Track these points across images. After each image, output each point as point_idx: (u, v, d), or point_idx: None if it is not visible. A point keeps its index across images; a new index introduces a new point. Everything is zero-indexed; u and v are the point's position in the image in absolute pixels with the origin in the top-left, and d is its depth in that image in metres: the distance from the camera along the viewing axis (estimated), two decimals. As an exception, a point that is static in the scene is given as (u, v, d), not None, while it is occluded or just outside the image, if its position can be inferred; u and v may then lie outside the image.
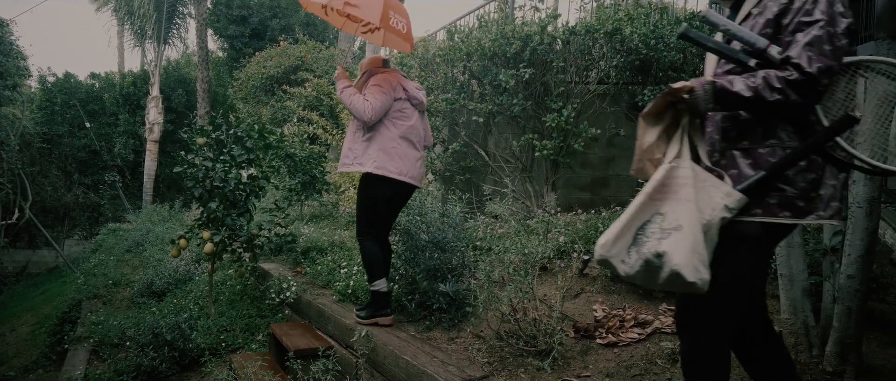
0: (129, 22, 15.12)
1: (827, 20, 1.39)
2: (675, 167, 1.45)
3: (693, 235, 1.36)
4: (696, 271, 1.35)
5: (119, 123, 15.51)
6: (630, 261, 1.44)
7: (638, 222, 1.46)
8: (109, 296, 6.24)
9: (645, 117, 1.55)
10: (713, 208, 1.40)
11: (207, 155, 4.32)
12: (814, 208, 1.45)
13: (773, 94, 1.39)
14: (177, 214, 10.51)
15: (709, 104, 1.46)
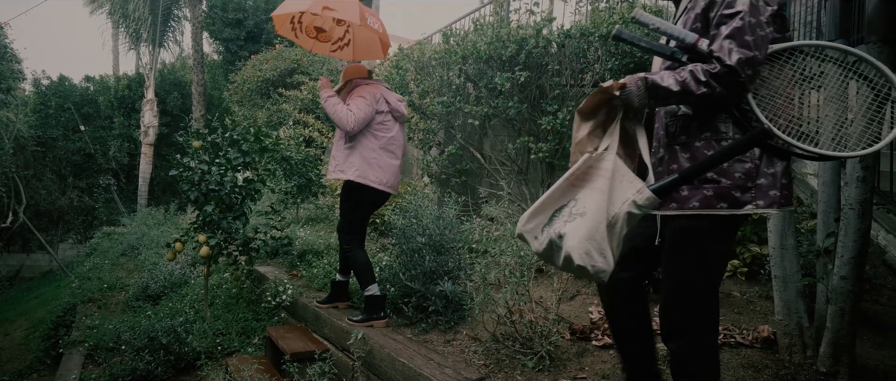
0: (123, 25, 15.09)
1: (747, 11, 1.41)
2: (598, 158, 1.50)
3: (594, 223, 1.39)
4: (587, 256, 1.38)
5: (114, 126, 15.45)
6: (541, 238, 1.49)
7: (555, 205, 1.51)
8: (104, 300, 6.20)
9: (579, 113, 1.58)
10: (623, 203, 1.43)
11: (203, 158, 4.31)
12: (752, 197, 1.47)
13: (699, 87, 1.42)
14: (172, 217, 10.47)
15: (643, 99, 1.48)
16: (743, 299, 3.24)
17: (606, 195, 1.42)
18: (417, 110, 5.59)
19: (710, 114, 1.50)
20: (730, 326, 2.79)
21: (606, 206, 1.41)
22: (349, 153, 3.17)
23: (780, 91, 1.49)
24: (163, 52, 15.74)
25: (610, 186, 1.43)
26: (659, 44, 1.56)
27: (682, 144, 1.54)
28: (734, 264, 3.51)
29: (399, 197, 5.72)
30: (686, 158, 1.52)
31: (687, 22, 1.54)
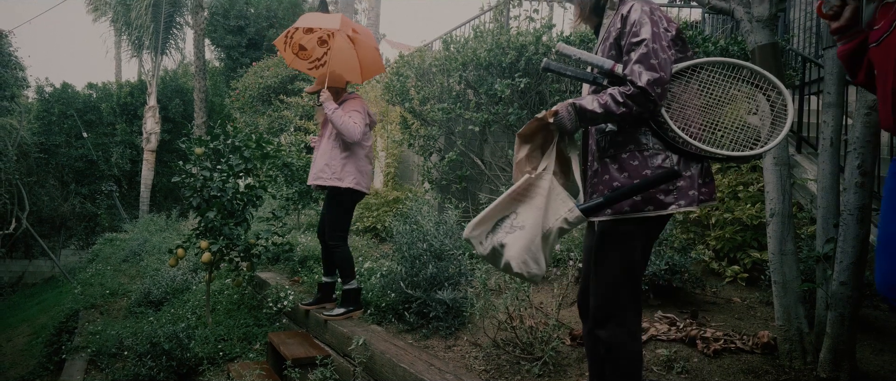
0: (126, 32, 15.19)
1: (650, 38, 1.61)
2: (537, 178, 1.68)
3: (531, 236, 1.60)
4: (524, 265, 1.58)
5: (116, 132, 15.51)
6: (485, 244, 1.67)
7: (498, 215, 1.69)
8: (107, 306, 6.22)
9: (519, 136, 1.74)
10: (556, 219, 1.63)
11: (205, 165, 4.34)
12: (674, 199, 1.64)
13: (618, 107, 1.61)
14: (174, 223, 10.49)
15: (574, 123, 1.67)
16: (743, 304, 3.25)
17: (542, 212, 1.62)
18: (418, 117, 5.61)
19: (633, 128, 1.69)
20: (730, 331, 2.79)
21: (542, 220, 1.61)
22: (345, 163, 3.42)
23: (688, 103, 1.69)
24: (165, 59, 15.84)
25: (546, 204, 1.63)
26: (582, 72, 1.74)
27: (611, 157, 1.72)
28: (734, 270, 3.52)
29: (400, 203, 5.75)
30: (615, 168, 1.70)
31: (604, 50, 1.74)
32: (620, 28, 1.68)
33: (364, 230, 5.98)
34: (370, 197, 6.12)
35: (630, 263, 1.71)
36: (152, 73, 14.95)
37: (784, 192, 2.54)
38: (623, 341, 1.69)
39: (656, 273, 3.16)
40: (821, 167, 2.58)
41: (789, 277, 2.52)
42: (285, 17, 15.03)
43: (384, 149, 6.64)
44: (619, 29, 1.69)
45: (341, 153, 3.42)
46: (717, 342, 2.63)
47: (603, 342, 1.72)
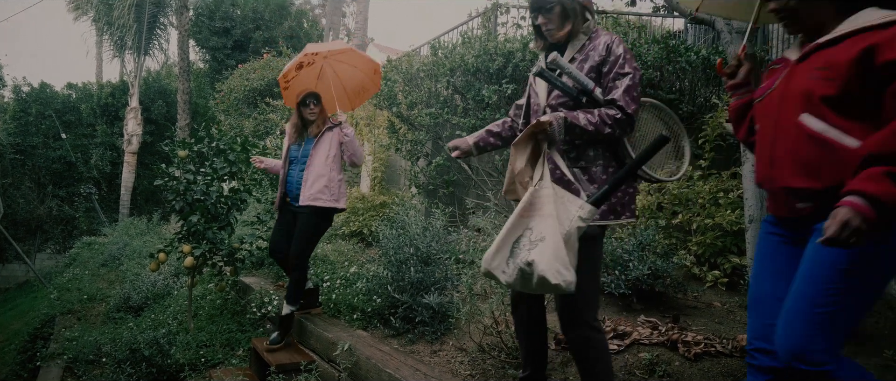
0: (108, 32, 14.92)
1: (633, 73, 1.83)
2: (538, 188, 1.74)
3: (555, 244, 1.62)
4: (559, 274, 1.59)
5: (96, 134, 15.22)
6: (509, 271, 1.69)
7: (513, 238, 1.72)
8: (84, 311, 6.09)
9: (515, 146, 1.83)
10: (570, 220, 1.68)
11: (189, 168, 4.29)
12: (624, 210, 1.88)
13: (606, 128, 1.80)
14: (155, 227, 10.32)
15: (562, 134, 1.81)
16: (723, 308, 3.31)
17: (555, 218, 1.66)
18: (405, 121, 5.62)
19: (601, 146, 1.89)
20: (711, 335, 2.84)
21: (558, 226, 1.65)
22: (341, 184, 3.42)
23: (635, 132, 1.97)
24: (148, 60, 15.60)
25: (556, 210, 1.68)
26: (568, 85, 1.88)
27: (582, 168, 1.87)
28: (715, 275, 3.58)
29: (386, 207, 5.74)
30: (585, 179, 1.86)
31: (582, 71, 1.88)
32: (604, 56, 1.85)
33: (350, 235, 5.96)
34: (357, 201, 6.11)
35: (595, 265, 1.88)
36: (135, 73, 14.71)
37: (762, 198, 2.60)
38: (595, 338, 1.85)
39: (639, 278, 3.21)
40: None
41: (768, 282, 2.58)
42: (272, 19, 14.96)
43: (371, 153, 6.64)
44: (603, 57, 1.85)
45: (338, 175, 3.41)
46: (698, 346, 2.68)
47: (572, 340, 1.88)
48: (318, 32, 16.51)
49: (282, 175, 3.49)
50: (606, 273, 3.39)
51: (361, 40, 14.26)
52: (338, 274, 4.19)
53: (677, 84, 5.02)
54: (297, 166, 3.45)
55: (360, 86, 3.70)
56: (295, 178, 3.43)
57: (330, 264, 4.64)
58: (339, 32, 13.75)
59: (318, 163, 3.36)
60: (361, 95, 3.77)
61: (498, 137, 2.16)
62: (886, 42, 1.29)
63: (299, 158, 3.44)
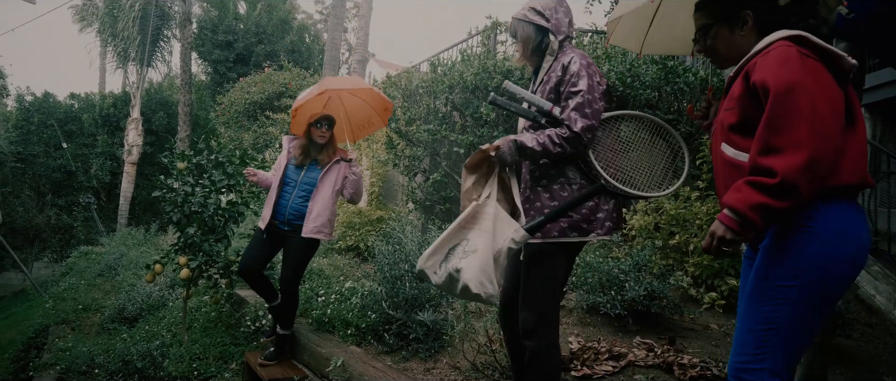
0: (112, 43, 15.07)
1: (586, 90, 1.83)
2: (482, 205, 1.84)
3: (484, 258, 1.73)
4: (481, 286, 1.70)
5: (97, 144, 15.27)
6: (440, 273, 1.80)
7: (450, 244, 1.83)
8: (79, 321, 6.05)
9: (466, 167, 1.92)
10: (504, 240, 1.77)
11: (187, 180, 4.29)
12: (593, 227, 1.87)
13: (555, 147, 1.83)
14: (152, 237, 10.29)
15: (514, 156, 1.86)
16: (720, 331, 3.29)
17: (491, 235, 1.76)
18: (403, 137, 5.65)
19: (564, 164, 1.91)
20: (707, 358, 2.83)
21: (492, 243, 1.75)
22: (333, 213, 3.31)
23: (610, 147, 1.96)
24: (150, 72, 15.72)
25: (493, 227, 1.78)
26: (524, 109, 1.95)
27: (543, 187, 1.93)
28: (712, 297, 3.57)
29: (383, 223, 5.74)
30: (547, 197, 1.91)
31: (544, 92, 1.93)
32: (561, 76, 1.89)
33: (346, 249, 5.95)
34: (354, 216, 6.10)
35: (554, 281, 1.91)
36: (137, 85, 14.81)
37: (758, 221, 2.61)
38: (547, 350, 1.88)
39: (635, 299, 3.20)
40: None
41: (763, 305, 2.57)
42: (274, 34, 15.11)
43: (369, 168, 6.65)
44: (560, 77, 1.89)
45: (335, 206, 3.33)
46: (694, 369, 2.66)
47: (529, 351, 1.90)
48: (319, 47, 16.67)
49: (273, 196, 3.30)
50: (602, 293, 3.37)
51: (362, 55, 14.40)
52: (333, 289, 4.17)
53: (675, 105, 5.05)
54: (294, 191, 3.28)
55: (367, 120, 3.58)
56: (289, 202, 3.27)
57: (325, 279, 4.63)
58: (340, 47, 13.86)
59: (324, 195, 3.24)
60: (366, 128, 3.64)
61: None
62: (753, 66, 1.37)
63: (298, 183, 3.29)
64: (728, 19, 1.52)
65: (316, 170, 3.29)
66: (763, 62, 1.34)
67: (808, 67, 1.30)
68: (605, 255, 4.02)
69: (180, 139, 12.89)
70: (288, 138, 3.46)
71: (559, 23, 1.96)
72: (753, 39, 1.48)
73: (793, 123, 1.24)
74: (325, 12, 22.78)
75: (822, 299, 1.32)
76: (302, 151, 3.32)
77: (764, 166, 1.26)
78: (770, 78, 1.29)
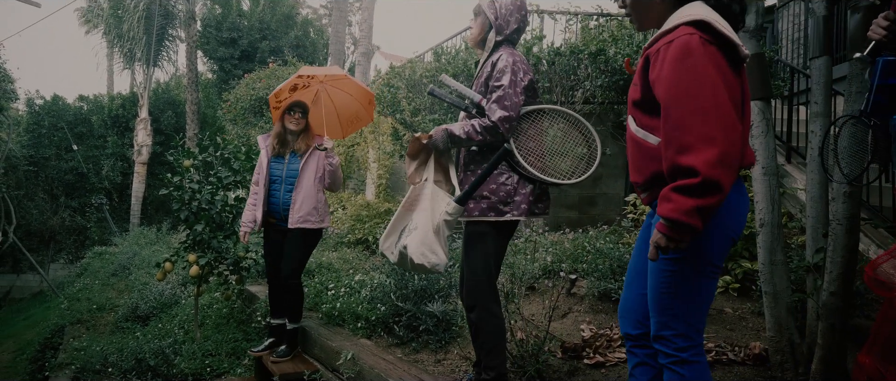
0: (118, 45, 15.13)
1: (507, 85, 2.05)
2: (420, 187, 2.10)
3: (424, 232, 1.99)
4: (423, 256, 1.96)
5: (107, 145, 15.40)
6: (395, 252, 2.05)
7: (400, 226, 2.09)
8: (93, 321, 6.12)
9: (407, 156, 2.19)
10: (440, 214, 2.04)
11: (194, 177, 4.29)
12: (510, 209, 2.09)
13: (477, 135, 2.07)
14: (164, 236, 10.38)
15: (446, 143, 2.12)
16: (735, 315, 3.23)
17: (429, 212, 2.04)
18: (409, 128, 5.61)
19: (489, 151, 2.13)
20: (722, 343, 2.77)
21: (430, 219, 2.02)
22: (325, 203, 3.39)
23: (531, 137, 2.15)
24: (157, 72, 15.79)
25: (431, 205, 2.05)
26: (458, 100, 2.17)
27: (472, 171, 2.16)
28: (726, 280, 3.50)
29: (391, 215, 5.71)
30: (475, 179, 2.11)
31: (477, 85, 2.17)
32: (490, 72, 2.11)
33: (355, 242, 5.94)
34: (361, 209, 6.09)
35: (486, 256, 2.13)
36: (144, 85, 14.89)
37: (773, 202, 2.53)
38: (485, 319, 2.10)
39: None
40: (809, 177, 2.58)
41: (780, 287, 2.50)
42: (278, 29, 15.09)
43: (376, 160, 6.62)
44: (489, 72, 2.12)
45: (323, 195, 3.37)
46: (710, 354, 2.61)
47: (472, 322, 2.14)
48: (324, 41, 16.62)
49: (263, 195, 3.32)
50: (613, 280, 3.32)
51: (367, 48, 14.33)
52: (342, 282, 4.16)
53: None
54: (282, 186, 3.32)
55: (355, 115, 3.62)
56: (280, 198, 3.31)
57: (335, 272, 4.62)
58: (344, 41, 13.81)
59: (307, 184, 3.27)
60: (354, 123, 3.69)
61: None
62: (656, 55, 1.39)
63: (284, 178, 3.32)
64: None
65: (296, 160, 3.33)
66: (665, 55, 1.36)
67: (710, 55, 1.32)
68: (616, 241, 3.96)
69: (189, 138, 12.96)
70: (262, 138, 3.46)
71: (504, 25, 2.16)
72: (669, 7, 1.48)
73: (700, 119, 1.28)
74: (328, 6, 22.70)
75: (709, 264, 1.43)
76: (278, 141, 3.35)
77: (684, 166, 1.29)
78: (671, 75, 1.33)
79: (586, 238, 4.07)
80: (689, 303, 1.44)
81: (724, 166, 1.26)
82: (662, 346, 1.46)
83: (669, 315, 1.44)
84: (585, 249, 3.81)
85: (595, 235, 4.16)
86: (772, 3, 8.17)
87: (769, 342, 2.53)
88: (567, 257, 3.77)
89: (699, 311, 1.46)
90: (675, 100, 1.32)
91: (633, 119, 1.52)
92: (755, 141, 2.58)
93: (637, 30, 1.65)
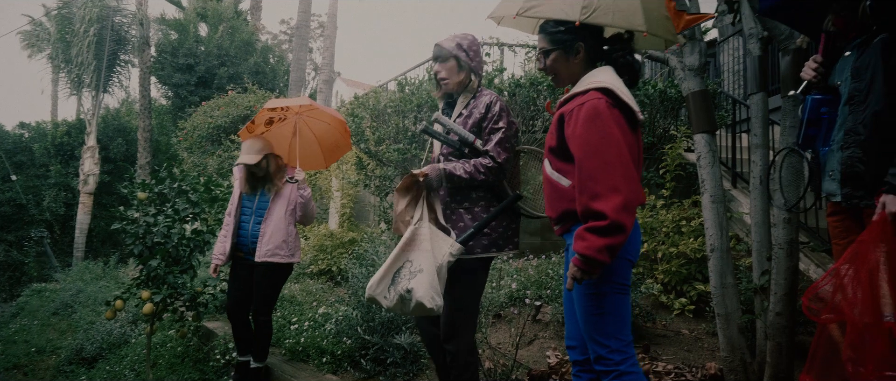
0: (65, 70, 14.51)
1: (506, 128, 2.15)
2: (418, 228, 2.07)
3: (431, 275, 1.96)
4: (433, 300, 1.93)
5: (50, 174, 14.57)
6: (390, 297, 2.00)
7: (395, 268, 2.03)
8: (31, 365, 5.70)
9: (397, 191, 2.17)
10: (443, 255, 2.01)
11: (148, 210, 4.14)
12: (505, 244, 2.20)
13: (480, 175, 2.12)
14: (111, 271, 9.84)
15: (441, 183, 2.15)
16: (691, 336, 3.36)
17: (431, 253, 2.00)
18: (373, 157, 5.62)
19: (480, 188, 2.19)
20: (680, 364, 2.88)
21: (433, 260, 1.98)
22: (296, 238, 3.27)
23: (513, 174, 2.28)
24: (107, 98, 15.18)
25: (432, 246, 2.02)
26: (451, 139, 2.20)
27: (465, 209, 2.19)
28: (682, 303, 3.65)
29: (355, 244, 5.66)
30: (469, 217, 2.17)
31: (466, 125, 2.20)
32: (484, 113, 2.16)
33: (318, 273, 5.83)
34: (325, 238, 6.00)
35: (476, 290, 2.21)
36: (92, 112, 14.27)
37: (722, 228, 2.69)
38: (464, 354, 2.14)
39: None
40: (752, 204, 2.76)
41: (731, 309, 2.64)
42: (237, 55, 14.87)
43: (339, 189, 6.58)
44: (483, 114, 2.16)
45: (294, 229, 3.27)
46: (669, 376, 2.70)
47: (449, 352, 2.15)
48: (284, 67, 16.49)
49: (233, 226, 3.25)
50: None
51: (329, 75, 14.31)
52: (306, 315, 4.07)
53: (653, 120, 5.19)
54: (251, 218, 3.26)
55: (335, 143, 3.57)
56: (249, 230, 3.24)
57: (297, 306, 4.52)
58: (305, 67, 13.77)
59: (276, 217, 3.19)
60: (335, 152, 3.62)
61: None
62: (570, 114, 1.62)
63: (254, 210, 3.26)
64: (565, 47, 1.75)
65: (266, 193, 3.26)
66: (577, 115, 1.60)
67: (614, 117, 1.58)
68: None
69: (140, 166, 12.46)
70: (238, 168, 3.37)
71: (479, 65, 2.24)
72: (584, 68, 1.75)
73: (607, 173, 1.53)
74: (289, 32, 22.61)
75: (618, 284, 1.65)
76: (246, 182, 3.27)
77: (595, 210, 1.52)
78: (584, 133, 1.57)
79: (550, 264, 4.16)
80: (614, 317, 1.64)
81: (627, 211, 1.51)
82: (603, 366, 1.64)
83: (602, 334, 1.64)
84: (549, 275, 3.90)
85: (558, 260, 4.25)
86: (713, 38, 8.75)
87: (723, 362, 2.66)
88: (532, 283, 3.84)
89: (624, 324, 1.66)
90: (586, 155, 1.56)
91: (549, 162, 1.75)
92: (703, 171, 2.75)
93: (557, 86, 1.87)
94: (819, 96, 1.91)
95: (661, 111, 5.11)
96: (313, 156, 3.55)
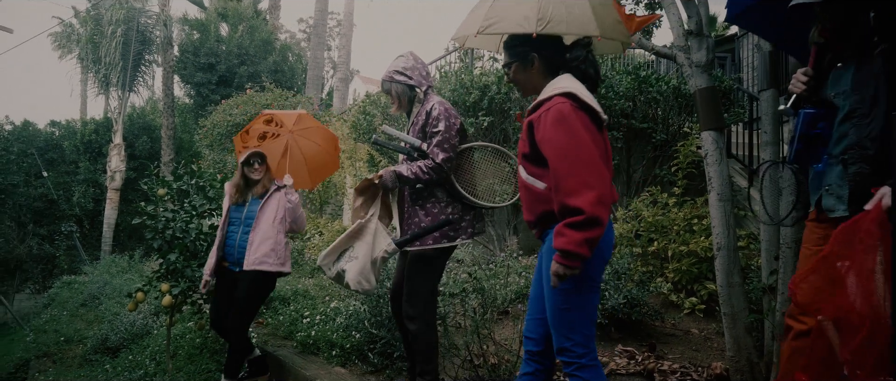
0: (93, 70, 14.97)
1: (444, 130, 2.38)
2: (367, 222, 2.39)
3: (363, 263, 2.32)
4: (359, 284, 2.31)
5: (79, 171, 15.07)
6: (333, 269, 2.39)
7: (341, 249, 2.39)
8: (60, 354, 5.93)
9: (355, 191, 2.46)
10: (379, 251, 2.36)
11: (168, 206, 4.27)
12: (458, 235, 2.43)
13: (424, 175, 2.37)
14: (136, 264, 10.15)
15: (395, 183, 2.42)
16: (700, 335, 3.34)
17: (371, 246, 2.35)
18: (385, 154, 5.68)
19: (434, 187, 2.43)
20: (687, 363, 2.86)
21: (370, 252, 2.34)
22: (287, 247, 3.24)
23: (466, 170, 2.49)
24: (132, 97, 15.63)
25: (373, 240, 2.35)
26: (400, 146, 2.48)
27: (419, 205, 2.45)
28: (692, 302, 3.62)
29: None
30: (423, 213, 2.43)
31: (414, 131, 2.46)
32: (425, 120, 2.42)
33: (332, 268, 5.92)
34: (339, 234, 6.09)
35: (433, 277, 2.46)
36: (119, 110, 14.70)
37: (728, 226, 2.67)
38: (424, 330, 2.40)
39: (615, 307, 3.23)
40: (761, 202, 2.73)
41: (737, 308, 2.62)
42: (257, 55, 15.12)
43: (353, 186, 6.67)
44: (425, 120, 2.42)
45: (285, 237, 3.21)
46: (674, 375, 2.70)
47: (411, 332, 2.42)
48: (303, 66, 16.70)
49: (220, 238, 3.22)
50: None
51: (345, 73, 14.44)
52: (318, 309, 4.16)
53: (650, 113, 5.15)
54: (239, 228, 3.21)
55: (322, 163, 3.67)
56: (236, 241, 3.18)
57: (311, 300, 4.61)
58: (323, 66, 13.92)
59: (264, 225, 3.13)
60: (322, 172, 3.74)
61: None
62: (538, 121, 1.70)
63: (242, 220, 3.21)
64: (521, 59, 1.85)
65: (256, 202, 3.22)
66: (545, 120, 1.68)
67: (579, 118, 1.66)
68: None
69: (164, 163, 12.78)
70: (228, 184, 3.39)
71: (421, 78, 2.47)
72: (543, 77, 1.83)
73: (579, 171, 1.60)
74: (307, 31, 22.87)
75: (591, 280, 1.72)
76: (237, 190, 3.26)
77: (571, 206, 1.59)
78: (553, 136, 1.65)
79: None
80: (581, 313, 1.71)
81: (602, 205, 1.58)
82: (565, 357, 1.71)
83: (568, 328, 1.71)
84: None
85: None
86: (733, 33, 8.56)
87: (729, 362, 2.64)
88: (540, 280, 3.85)
89: (590, 321, 1.74)
90: (558, 156, 1.64)
91: (523, 168, 1.82)
92: (711, 169, 2.73)
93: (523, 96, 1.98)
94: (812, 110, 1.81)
95: (675, 108, 5.05)
96: (300, 176, 3.62)
